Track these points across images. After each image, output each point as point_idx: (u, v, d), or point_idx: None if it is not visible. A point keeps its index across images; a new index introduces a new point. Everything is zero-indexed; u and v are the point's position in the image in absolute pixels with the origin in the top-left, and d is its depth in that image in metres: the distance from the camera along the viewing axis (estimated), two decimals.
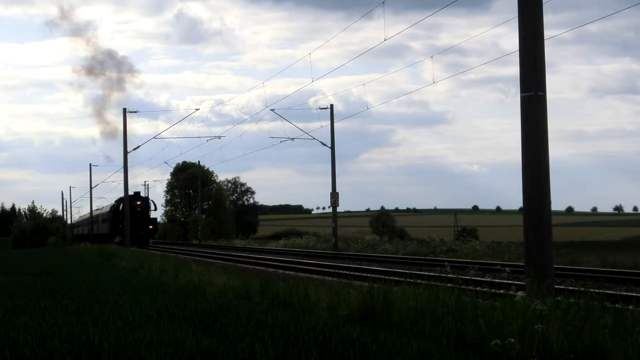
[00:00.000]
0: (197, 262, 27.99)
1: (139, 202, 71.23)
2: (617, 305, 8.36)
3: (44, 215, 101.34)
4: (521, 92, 12.78)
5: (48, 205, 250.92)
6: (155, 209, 74.55)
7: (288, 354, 7.12)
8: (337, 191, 49.72)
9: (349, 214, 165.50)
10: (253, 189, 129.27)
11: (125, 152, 52.16)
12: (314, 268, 26.12)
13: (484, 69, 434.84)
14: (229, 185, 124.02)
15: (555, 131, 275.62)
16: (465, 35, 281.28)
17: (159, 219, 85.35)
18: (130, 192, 60.59)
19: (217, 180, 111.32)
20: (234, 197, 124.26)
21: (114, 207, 72.71)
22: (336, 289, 11.29)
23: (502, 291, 11.38)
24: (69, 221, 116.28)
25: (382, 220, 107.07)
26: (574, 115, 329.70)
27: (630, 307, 8.79)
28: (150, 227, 71.52)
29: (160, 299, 12.23)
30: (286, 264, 29.03)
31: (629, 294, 14.18)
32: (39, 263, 29.83)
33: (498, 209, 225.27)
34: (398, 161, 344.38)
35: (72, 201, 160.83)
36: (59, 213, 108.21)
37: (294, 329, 8.41)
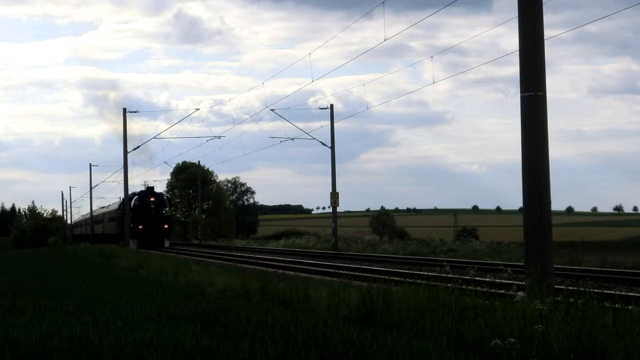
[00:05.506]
0: (197, 262, 28.00)
1: (152, 199, 63.95)
2: (616, 305, 8.36)
3: (44, 215, 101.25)
4: (521, 92, 12.78)
5: (48, 205, 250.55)
6: (171, 207, 68.97)
7: (288, 354, 7.12)
8: (337, 191, 49.69)
9: (349, 214, 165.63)
10: (253, 189, 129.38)
11: (125, 152, 52.10)
12: (314, 268, 26.13)
13: (483, 69, 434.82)
14: (229, 185, 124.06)
15: (555, 131, 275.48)
16: (465, 35, 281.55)
17: None
18: (131, 192, 59.37)
19: (217, 180, 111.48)
20: (233, 197, 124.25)
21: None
22: (336, 289, 11.31)
23: (502, 291, 11.37)
24: (69, 221, 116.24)
25: (382, 220, 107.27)
26: (574, 115, 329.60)
27: (630, 307, 8.79)
28: (166, 226, 63.75)
29: (160, 299, 12.23)
30: (286, 264, 29.03)
31: (629, 294, 14.17)
32: (39, 263, 29.85)
33: (498, 209, 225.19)
34: (398, 161, 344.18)
35: (72, 201, 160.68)
36: (59, 213, 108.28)
37: (294, 329, 8.42)
